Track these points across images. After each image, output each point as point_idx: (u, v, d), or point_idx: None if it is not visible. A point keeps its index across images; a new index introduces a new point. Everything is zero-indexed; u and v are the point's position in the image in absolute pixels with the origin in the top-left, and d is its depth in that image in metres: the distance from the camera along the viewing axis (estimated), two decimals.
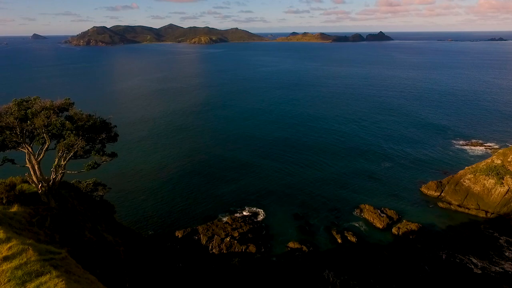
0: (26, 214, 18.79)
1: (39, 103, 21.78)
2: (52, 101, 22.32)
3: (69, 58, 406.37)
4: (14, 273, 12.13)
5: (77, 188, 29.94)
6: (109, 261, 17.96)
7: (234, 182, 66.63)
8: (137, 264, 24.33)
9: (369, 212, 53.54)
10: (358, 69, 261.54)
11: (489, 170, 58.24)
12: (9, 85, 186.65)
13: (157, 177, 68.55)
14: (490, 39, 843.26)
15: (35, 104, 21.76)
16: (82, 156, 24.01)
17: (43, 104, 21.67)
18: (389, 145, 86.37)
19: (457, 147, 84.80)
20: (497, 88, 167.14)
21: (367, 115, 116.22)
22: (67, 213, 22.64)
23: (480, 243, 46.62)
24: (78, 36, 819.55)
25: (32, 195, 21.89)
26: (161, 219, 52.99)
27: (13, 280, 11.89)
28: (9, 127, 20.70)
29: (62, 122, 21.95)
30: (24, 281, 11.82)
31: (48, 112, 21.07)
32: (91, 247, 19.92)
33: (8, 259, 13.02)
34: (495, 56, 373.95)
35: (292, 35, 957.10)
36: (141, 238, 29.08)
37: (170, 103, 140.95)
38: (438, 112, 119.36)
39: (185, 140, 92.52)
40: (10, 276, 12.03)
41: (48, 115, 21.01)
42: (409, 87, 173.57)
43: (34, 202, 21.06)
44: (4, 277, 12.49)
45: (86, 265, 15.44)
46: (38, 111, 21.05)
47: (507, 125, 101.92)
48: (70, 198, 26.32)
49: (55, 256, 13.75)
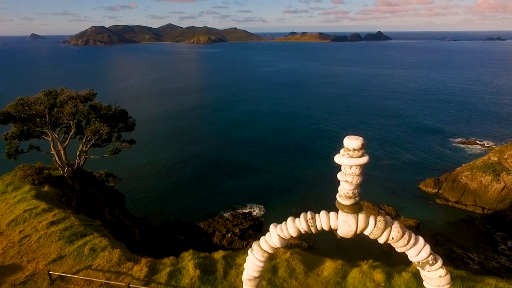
0: (56, 193, 20.04)
1: (66, 93, 22.92)
2: (77, 91, 23.41)
3: (68, 58, 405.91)
4: (63, 233, 14.50)
5: (93, 176, 30.97)
6: (128, 241, 18.97)
7: (235, 180, 67.35)
8: (151, 247, 25.45)
9: (368, 209, 54.14)
10: (357, 68, 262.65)
11: (486, 167, 59.04)
12: (9, 85, 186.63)
13: (159, 176, 69.34)
14: (488, 38, 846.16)
15: (63, 94, 22.82)
16: (100, 146, 25.28)
17: (69, 94, 22.74)
18: (387, 144, 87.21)
19: (455, 145, 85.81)
20: (494, 87, 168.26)
21: (366, 114, 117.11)
22: (89, 195, 23.64)
23: (477, 238, 47.44)
24: (77, 36, 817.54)
25: (58, 178, 23.39)
26: (163, 216, 53.69)
27: (62, 239, 14.75)
28: (39, 115, 21.70)
29: (88, 110, 23.02)
30: (72, 240, 14.31)
31: (75, 101, 22.12)
32: (112, 226, 21.04)
33: (55, 223, 15.14)
34: (493, 56, 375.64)
35: (291, 35, 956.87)
36: (152, 226, 30.20)
37: (170, 103, 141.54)
38: (436, 111, 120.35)
39: (186, 140, 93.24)
40: (60, 235, 14.81)
41: (75, 103, 22.04)
42: (408, 86, 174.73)
43: (60, 185, 22.49)
44: (55, 237, 15.03)
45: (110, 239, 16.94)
46: (66, 100, 22.00)
47: (504, 124, 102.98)
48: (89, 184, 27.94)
49: (93, 223, 15.26)
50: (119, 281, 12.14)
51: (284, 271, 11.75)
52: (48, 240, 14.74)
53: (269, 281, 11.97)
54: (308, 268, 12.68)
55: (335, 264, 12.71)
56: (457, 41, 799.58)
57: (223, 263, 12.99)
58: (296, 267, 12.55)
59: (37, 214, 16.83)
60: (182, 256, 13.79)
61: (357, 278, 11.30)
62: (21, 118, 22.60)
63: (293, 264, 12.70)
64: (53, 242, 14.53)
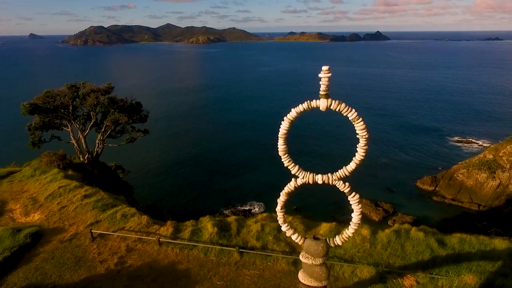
0: (79, 177, 22.21)
1: (88, 87, 25.39)
2: (96, 85, 25.91)
3: (68, 58, 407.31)
4: (96, 204, 16.55)
5: (106, 165, 33.21)
6: None
7: (234, 179, 69.33)
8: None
9: (366, 206, 55.77)
10: (355, 68, 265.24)
11: (481, 164, 60.41)
12: (9, 85, 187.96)
13: (158, 175, 71.31)
14: (487, 38, 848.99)
15: (85, 87, 25.30)
16: (113, 137, 27.60)
17: (91, 87, 25.21)
18: (385, 142, 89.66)
19: (452, 144, 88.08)
20: (491, 87, 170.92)
21: (364, 113, 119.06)
22: (106, 182, 25.90)
23: (472, 234, 49.48)
24: (76, 36, 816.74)
25: (78, 165, 25.30)
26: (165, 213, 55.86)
27: (96, 209, 16.70)
28: (62, 106, 24.12)
29: (108, 102, 25.46)
30: (104, 209, 16.29)
31: (96, 93, 24.52)
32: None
33: (87, 197, 17.28)
34: (491, 56, 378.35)
35: (290, 35, 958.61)
36: (162, 212, 32.53)
37: (169, 103, 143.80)
38: (434, 111, 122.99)
39: (185, 140, 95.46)
40: (93, 206, 16.69)
41: (97, 96, 24.45)
42: (406, 85, 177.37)
43: (81, 171, 24.45)
44: (89, 207, 17.41)
45: None
46: (88, 93, 24.45)
47: (500, 123, 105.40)
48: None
49: (119, 197, 17.44)
50: (149, 237, 14.60)
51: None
52: (84, 209, 17.17)
53: (275, 237, 14.46)
54: (306, 228, 15.18)
55: (330, 225, 15.21)
56: (455, 41, 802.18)
57: (236, 224, 15.48)
58: (297, 227, 15.03)
59: (71, 189, 19.26)
60: (201, 219, 16.29)
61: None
62: (47, 109, 25.18)
63: (295, 225, 15.18)
64: (88, 211, 16.95)
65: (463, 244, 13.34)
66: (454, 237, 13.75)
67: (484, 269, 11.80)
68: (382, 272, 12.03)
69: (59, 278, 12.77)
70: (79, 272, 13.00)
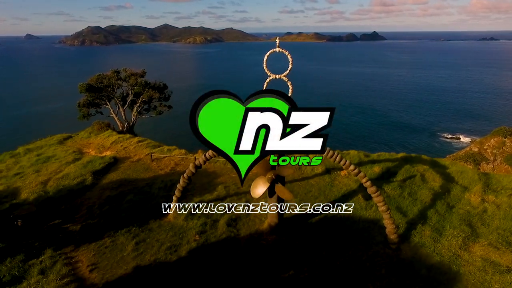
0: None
1: (128, 71, 33.84)
2: (133, 70, 34.44)
3: (65, 59, 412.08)
4: (148, 145, 25.27)
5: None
6: None
7: None
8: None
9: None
10: (352, 68, 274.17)
11: (467, 157, 65.83)
12: (9, 85, 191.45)
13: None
14: (482, 38, 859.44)
15: (126, 72, 33.78)
16: (142, 114, 36.19)
17: (131, 71, 33.69)
18: (375, 139, 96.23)
19: (442, 139, 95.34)
20: (484, 86, 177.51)
21: (357, 110, 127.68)
22: None
23: None
24: (73, 36, 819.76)
25: (118, 132, 33.75)
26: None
27: (148, 147, 26.48)
28: (109, 85, 32.58)
29: (144, 82, 34.03)
30: (154, 147, 25.89)
31: (135, 76, 33.02)
32: None
33: (140, 142, 26.66)
34: (486, 56, 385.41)
35: (287, 35, 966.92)
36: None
37: None
38: (426, 109, 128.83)
39: (183, 140, 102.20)
40: (146, 145, 26.48)
41: (136, 78, 32.94)
42: (400, 85, 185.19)
43: None
44: (143, 146, 27.40)
45: None
46: (129, 75, 32.97)
47: (489, 120, 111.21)
48: None
49: (160, 144, 26.09)
50: (188, 157, 23.25)
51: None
52: (140, 148, 25.78)
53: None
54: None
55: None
56: (451, 41, 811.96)
57: None
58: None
59: (126, 139, 27.89)
60: None
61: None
62: (98, 88, 33.68)
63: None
64: (144, 148, 25.57)
65: (379, 156, 22.12)
66: (375, 154, 22.52)
67: (385, 165, 20.61)
68: (329, 168, 20.77)
69: (137, 176, 21.37)
70: (149, 173, 21.66)
